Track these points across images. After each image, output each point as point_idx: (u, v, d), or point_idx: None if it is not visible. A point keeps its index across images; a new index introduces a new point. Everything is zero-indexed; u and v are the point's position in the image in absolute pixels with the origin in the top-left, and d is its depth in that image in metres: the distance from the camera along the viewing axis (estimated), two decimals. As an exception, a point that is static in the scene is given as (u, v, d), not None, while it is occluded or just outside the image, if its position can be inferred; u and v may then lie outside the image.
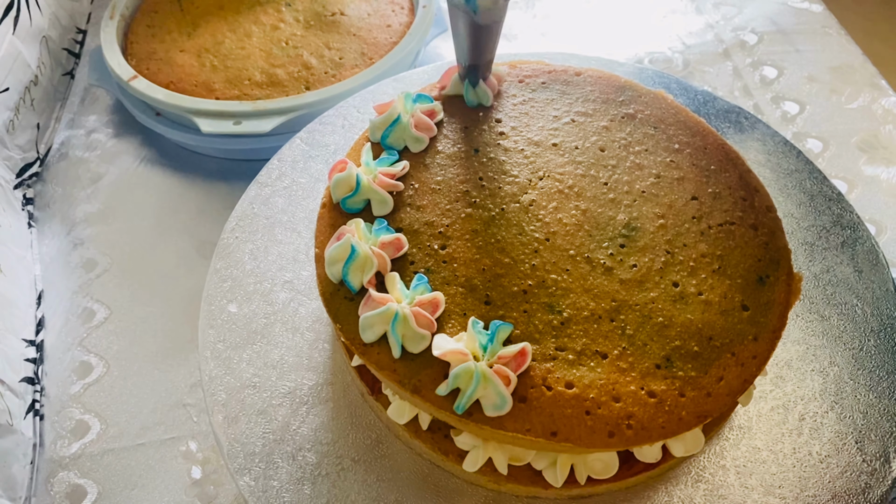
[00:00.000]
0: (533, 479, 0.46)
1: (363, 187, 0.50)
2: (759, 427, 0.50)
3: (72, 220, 0.74)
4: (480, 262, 0.48)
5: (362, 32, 0.79)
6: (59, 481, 0.57)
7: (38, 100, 0.81)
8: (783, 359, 0.53)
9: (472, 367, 0.40)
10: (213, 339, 0.54)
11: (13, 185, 0.75)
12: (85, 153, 0.81)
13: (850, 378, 0.52)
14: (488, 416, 0.41)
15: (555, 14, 0.97)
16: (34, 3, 0.81)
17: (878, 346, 0.53)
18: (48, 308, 0.68)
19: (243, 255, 0.59)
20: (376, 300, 0.44)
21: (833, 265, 0.58)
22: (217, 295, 0.57)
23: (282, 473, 0.48)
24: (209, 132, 0.70)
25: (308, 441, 0.50)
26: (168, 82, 0.76)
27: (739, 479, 0.48)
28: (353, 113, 0.69)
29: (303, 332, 0.55)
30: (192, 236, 0.72)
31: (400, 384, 0.43)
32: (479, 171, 0.53)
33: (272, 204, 0.63)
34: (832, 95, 0.83)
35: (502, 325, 0.43)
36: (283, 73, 0.75)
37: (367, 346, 0.44)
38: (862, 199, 0.72)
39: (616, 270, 0.47)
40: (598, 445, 0.41)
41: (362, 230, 0.48)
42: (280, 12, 0.81)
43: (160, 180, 0.78)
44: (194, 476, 0.57)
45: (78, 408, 0.61)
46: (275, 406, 0.51)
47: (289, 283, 0.58)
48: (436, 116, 0.56)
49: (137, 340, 0.65)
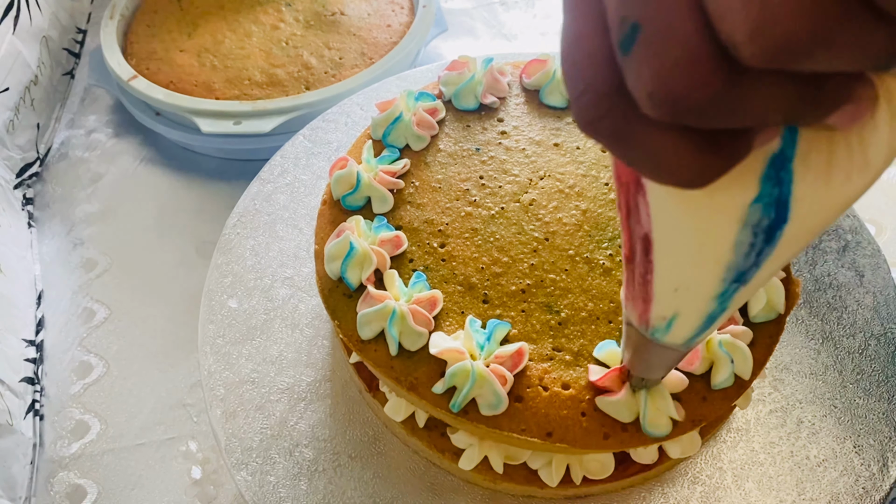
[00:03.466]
0: (529, 479, 0.46)
1: (363, 185, 0.50)
2: (756, 430, 0.50)
3: (72, 220, 0.75)
4: (479, 261, 0.48)
5: (362, 32, 0.79)
6: (59, 481, 0.57)
7: (38, 100, 0.81)
8: (782, 362, 0.53)
9: (469, 365, 0.40)
10: (213, 335, 0.55)
11: (13, 185, 0.75)
12: (85, 153, 0.81)
13: (849, 382, 0.52)
14: (484, 416, 0.41)
15: (555, 14, 0.97)
16: (34, 3, 0.81)
17: (878, 350, 0.53)
18: (48, 308, 0.68)
19: (244, 251, 0.60)
20: (374, 297, 0.44)
21: (834, 269, 0.58)
22: (218, 290, 0.57)
23: (279, 469, 0.48)
24: (209, 132, 0.70)
25: (305, 437, 0.50)
26: (168, 82, 0.76)
27: (736, 481, 0.48)
28: (356, 110, 0.69)
29: (302, 329, 0.56)
30: (192, 236, 0.72)
31: (396, 381, 0.43)
32: (480, 169, 0.53)
33: (274, 200, 0.63)
34: (832, 95, 0.83)
35: (500, 324, 0.43)
36: (282, 73, 0.75)
37: (364, 342, 0.44)
38: (862, 199, 0.71)
39: (615, 272, 0.47)
40: (594, 447, 0.41)
41: (362, 227, 0.48)
42: (280, 12, 0.81)
43: (160, 180, 0.78)
44: (194, 476, 0.57)
45: (78, 408, 0.61)
46: (273, 402, 0.52)
47: (289, 280, 0.58)
48: (437, 115, 0.56)
49: (137, 340, 0.65)
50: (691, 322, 0.29)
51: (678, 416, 0.41)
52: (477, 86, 0.57)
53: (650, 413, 0.40)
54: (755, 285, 0.26)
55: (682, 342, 0.31)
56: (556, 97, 0.57)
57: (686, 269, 0.27)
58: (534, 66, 0.58)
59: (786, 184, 0.22)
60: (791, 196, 0.22)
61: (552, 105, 0.57)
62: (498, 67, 0.58)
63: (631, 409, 0.41)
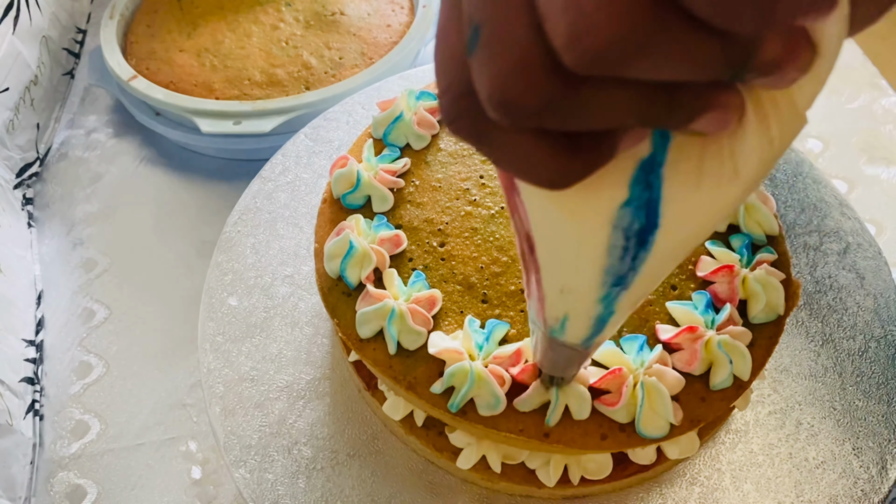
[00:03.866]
0: (526, 478, 0.46)
1: (363, 183, 0.50)
2: (755, 431, 0.50)
3: (71, 220, 0.75)
4: (479, 261, 0.48)
5: (362, 32, 0.79)
6: (59, 481, 0.57)
7: (37, 100, 0.81)
8: (782, 363, 0.53)
9: (467, 366, 0.40)
10: (213, 332, 0.55)
11: (13, 185, 0.75)
12: (85, 153, 0.81)
13: (848, 384, 0.52)
14: (482, 416, 0.41)
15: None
16: (34, 3, 0.81)
17: (878, 352, 0.53)
18: (48, 308, 0.68)
19: (245, 248, 0.60)
20: (373, 296, 0.44)
21: (835, 271, 0.58)
22: (218, 288, 0.57)
23: (277, 467, 0.48)
24: (209, 132, 0.70)
25: (304, 435, 0.50)
26: (168, 82, 0.76)
27: (734, 482, 0.48)
28: (357, 109, 0.69)
29: (302, 327, 0.56)
30: (192, 236, 0.72)
31: (395, 380, 0.43)
32: (481, 169, 0.53)
33: (275, 199, 0.63)
34: (832, 95, 0.83)
35: (499, 324, 0.43)
36: (282, 73, 0.75)
37: (363, 341, 0.44)
38: (862, 199, 0.72)
39: (614, 271, 0.47)
40: (591, 447, 0.41)
41: (361, 226, 0.48)
42: (280, 12, 0.81)
43: (160, 180, 0.78)
44: (194, 476, 0.57)
45: (78, 408, 0.61)
46: (272, 399, 0.52)
47: (289, 278, 0.58)
48: (438, 114, 0.56)
49: (137, 340, 0.65)
50: (582, 323, 0.30)
51: (676, 417, 0.41)
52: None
53: (647, 414, 0.40)
54: (640, 289, 0.26)
55: (579, 342, 0.31)
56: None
57: (567, 271, 0.27)
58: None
59: (655, 189, 0.22)
60: (661, 201, 0.22)
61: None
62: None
63: (629, 409, 0.41)
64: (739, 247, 0.47)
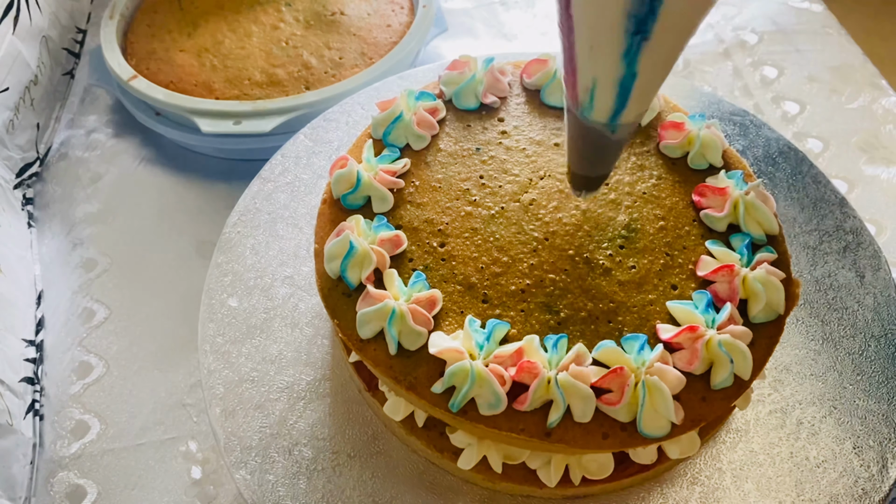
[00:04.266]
0: (527, 478, 0.46)
1: (363, 184, 0.50)
2: (756, 430, 0.50)
3: (71, 220, 0.75)
4: (479, 261, 0.48)
5: (362, 32, 0.79)
6: (59, 481, 0.57)
7: (37, 100, 0.81)
8: (782, 363, 0.53)
9: (468, 365, 0.40)
10: (213, 333, 0.55)
11: (13, 185, 0.75)
12: (85, 153, 0.81)
13: (849, 383, 0.52)
14: (483, 415, 0.41)
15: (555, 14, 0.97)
16: (34, 3, 0.81)
17: (879, 351, 0.53)
18: (48, 308, 0.68)
19: (245, 249, 0.60)
20: (374, 297, 0.44)
21: (835, 270, 0.58)
22: (218, 289, 0.57)
23: (278, 468, 0.48)
24: (209, 132, 0.70)
25: (305, 436, 0.50)
26: (168, 82, 0.76)
27: (735, 482, 0.48)
28: (357, 110, 0.69)
29: (302, 328, 0.56)
30: (192, 236, 0.72)
31: (395, 381, 0.43)
32: (480, 169, 0.53)
33: (274, 199, 0.63)
34: (832, 95, 0.83)
35: (499, 324, 0.43)
36: (282, 73, 0.75)
37: (363, 342, 0.44)
38: (862, 199, 0.72)
39: (615, 272, 0.47)
40: (592, 447, 0.41)
41: (361, 227, 0.48)
42: (280, 12, 0.81)
43: (160, 180, 0.78)
44: (194, 476, 0.57)
45: (78, 408, 0.61)
46: (272, 400, 0.52)
47: (289, 279, 0.58)
48: (438, 114, 0.56)
49: (137, 340, 0.65)
50: (608, 91, 0.34)
51: (677, 416, 0.41)
52: (478, 85, 0.57)
53: (648, 413, 0.40)
54: (660, 46, 0.30)
55: (605, 119, 0.36)
56: (556, 97, 0.57)
57: (595, 20, 0.31)
58: (534, 65, 0.58)
59: None
60: None
61: (553, 105, 0.57)
62: (498, 67, 0.58)
63: (630, 409, 0.41)
64: (740, 246, 0.47)
